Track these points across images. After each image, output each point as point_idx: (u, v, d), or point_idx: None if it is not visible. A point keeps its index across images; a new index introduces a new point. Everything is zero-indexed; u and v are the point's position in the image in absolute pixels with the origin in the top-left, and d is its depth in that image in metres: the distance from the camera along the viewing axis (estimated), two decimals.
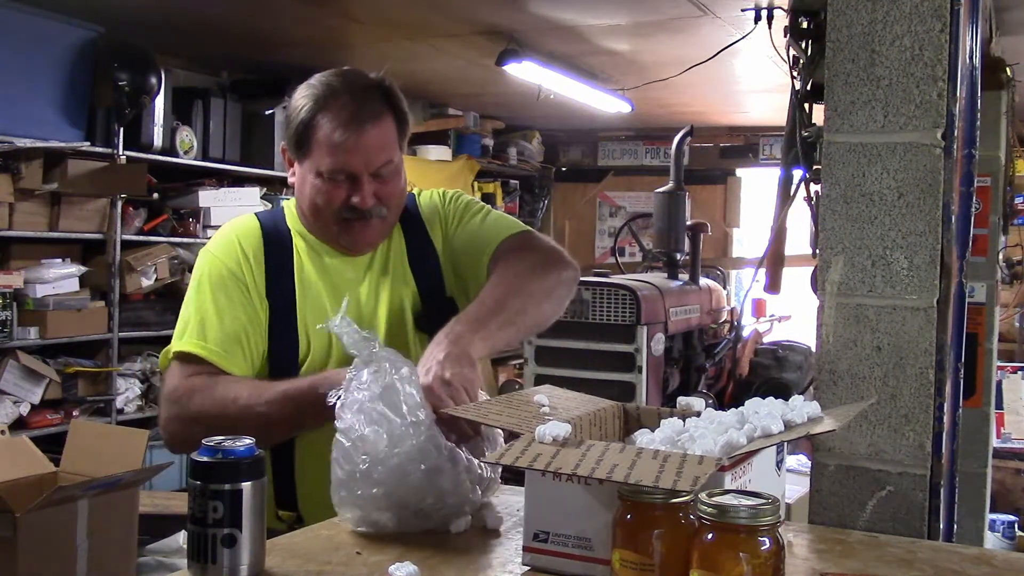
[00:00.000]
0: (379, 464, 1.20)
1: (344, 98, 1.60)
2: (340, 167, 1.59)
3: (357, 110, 1.59)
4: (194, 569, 1.09)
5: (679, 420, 1.28)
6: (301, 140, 1.61)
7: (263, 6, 4.33)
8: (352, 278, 1.69)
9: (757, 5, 3.92)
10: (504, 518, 1.32)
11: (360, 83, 1.64)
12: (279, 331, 1.62)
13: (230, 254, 1.64)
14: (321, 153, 1.59)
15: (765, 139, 7.88)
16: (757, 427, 1.16)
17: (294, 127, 1.62)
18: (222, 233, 1.70)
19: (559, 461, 1.06)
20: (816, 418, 1.23)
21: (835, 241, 1.47)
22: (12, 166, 4.22)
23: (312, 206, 1.64)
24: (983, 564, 1.20)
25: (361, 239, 1.67)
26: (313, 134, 1.59)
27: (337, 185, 1.60)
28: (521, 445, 1.12)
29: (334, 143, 1.58)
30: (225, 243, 1.66)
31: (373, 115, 1.61)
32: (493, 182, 7.90)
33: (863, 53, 1.45)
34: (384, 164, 1.62)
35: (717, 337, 5.08)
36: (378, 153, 1.61)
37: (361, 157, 1.59)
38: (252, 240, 1.66)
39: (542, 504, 1.13)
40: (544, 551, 1.12)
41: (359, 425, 1.21)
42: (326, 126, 1.58)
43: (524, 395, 1.39)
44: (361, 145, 1.58)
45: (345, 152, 1.58)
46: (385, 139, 1.62)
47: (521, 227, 1.77)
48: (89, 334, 4.62)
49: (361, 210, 1.61)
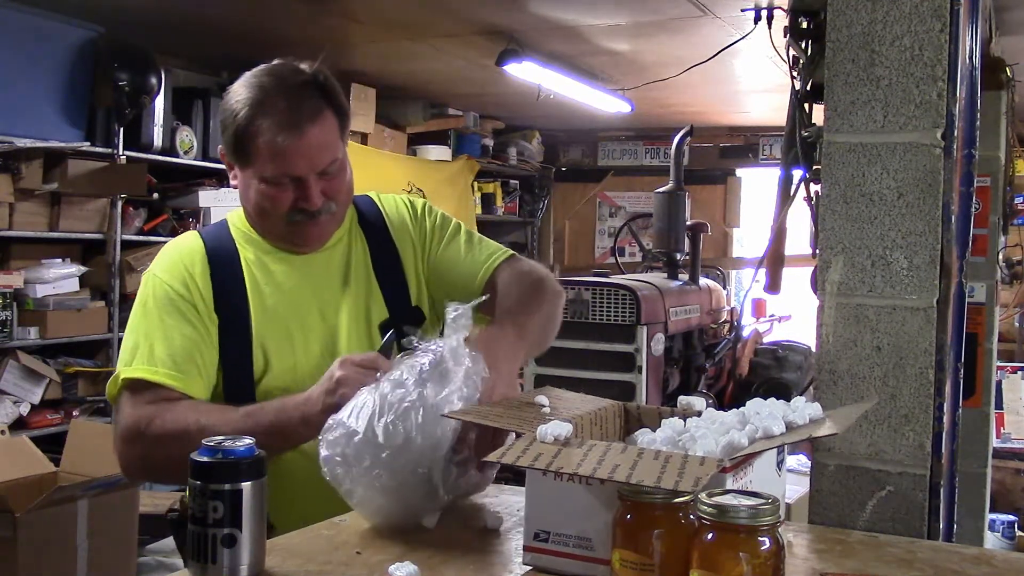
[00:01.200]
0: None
1: (280, 100, 1.53)
2: (285, 171, 1.54)
3: (295, 111, 1.52)
4: (194, 569, 1.09)
5: (680, 420, 1.28)
6: (240, 147, 1.55)
7: (263, 6, 4.33)
8: (312, 289, 1.64)
9: (757, 5, 3.92)
10: (504, 518, 1.32)
11: (295, 81, 1.56)
12: (232, 348, 1.57)
13: (174, 274, 1.58)
14: (263, 159, 1.53)
15: (765, 139, 7.88)
16: (759, 428, 1.15)
17: (231, 133, 1.55)
18: (164, 254, 1.64)
19: (560, 461, 1.06)
20: (818, 420, 1.23)
21: (835, 241, 1.47)
22: (12, 166, 4.22)
23: (259, 210, 1.59)
24: (983, 564, 1.20)
25: (312, 236, 1.63)
26: (252, 140, 1.52)
27: (283, 189, 1.55)
28: (522, 444, 1.12)
29: (276, 149, 1.51)
30: (168, 263, 1.61)
31: (312, 114, 1.54)
32: (493, 182, 7.90)
33: (863, 53, 1.45)
34: (329, 163, 1.57)
35: (717, 337, 5.08)
36: (321, 153, 1.55)
37: (305, 160, 1.53)
38: (196, 257, 1.61)
39: (543, 504, 1.13)
40: (545, 551, 1.12)
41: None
42: (265, 132, 1.51)
43: (524, 396, 1.39)
44: (303, 148, 1.52)
45: (288, 156, 1.52)
46: (327, 137, 1.56)
47: (508, 252, 1.75)
48: (89, 334, 4.63)
49: (311, 211, 1.57)
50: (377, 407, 1.24)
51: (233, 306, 1.58)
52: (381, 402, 1.25)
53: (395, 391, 1.26)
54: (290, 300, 1.62)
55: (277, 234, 1.63)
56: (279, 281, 1.62)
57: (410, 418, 1.23)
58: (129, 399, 1.51)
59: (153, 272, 1.61)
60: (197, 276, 1.59)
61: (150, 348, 1.52)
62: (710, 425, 1.21)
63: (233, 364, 1.57)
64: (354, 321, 1.64)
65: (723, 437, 1.13)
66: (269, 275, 1.63)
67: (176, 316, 1.55)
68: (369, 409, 1.25)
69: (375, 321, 1.65)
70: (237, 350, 1.57)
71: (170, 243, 1.67)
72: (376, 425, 1.23)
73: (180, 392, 1.50)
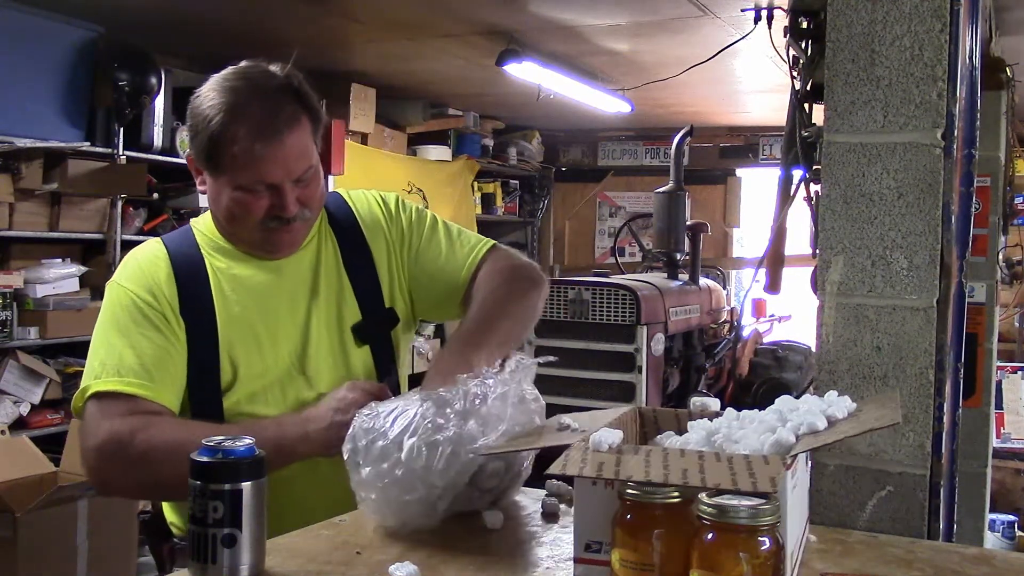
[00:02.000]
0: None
1: (255, 105, 1.48)
2: (260, 179, 1.49)
3: (272, 118, 1.48)
4: (194, 569, 1.09)
5: (708, 421, 1.26)
6: (213, 153, 1.49)
7: (263, 6, 4.32)
8: (281, 293, 1.60)
9: (757, 5, 3.92)
10: (504, 518, 1.32)
11: (269, 86, 1.51)
12: (199, 355, 1.53)
13: (139, 282, 1.54)
14: (238, 167, 1.48)
15: (765, 139, 7.88)
16: (801, 424, 1.13)
17: (204, 140, 1.49)
18: (127, 262, 1.60)
19: (628, 469, 1.02)
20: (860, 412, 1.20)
21: (835, 241, 1.47)
22: (12, 166, 4.22)
23: (230, 216, 1.55)
24: (983, 564, 1.20)
25: (285, 243, 1.59)
26: (227, 148, 1.47)
27: (258, 196, 1.51)
28: (578, 455, 1.08)
29: (252, 156, 1.47)
30: (132, 272, 1.57)
31: (288, 121, 1.49)
32: (493, 182, 7.90)
33: (863, 53, 1.45)
34: (305, 170, 1.53)
35: (717, 337, 5.09)
36: (298, 160, 1.51)
37: (281, 167, 1.49)
38: (160, 264, 1.57)
39: (594, 513, 1.08)
40: (597, 561, 1.08)
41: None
42: (241, 139, 1.46)
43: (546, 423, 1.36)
44: (280, 155, 1.48)
45: (265, 164, 1.48)
46: (303, 144, 1.52)
47: (489, 242, 1.73)
48: (89, 334, 4.57)
49: (286, 218, 1.53)
50: (414, 423, 1.24)
51: (199, 312, 1.54)
52: (420, 420, 1.24)
53: (437, 414, 1.25)
54: (258, 305, 1.58)
55: (249, 241, 1.59)
56: (247, 287, 1.59)
57: (437, 450, 1.22)
58: (100, 412, 1.45)
59: (117, 282, 1.57)
60: (163, 283, 1.55)
61: (119, 358, 1.48)
62: (749, 424, 1.19)
63: (200, 371, 1.53)
64: (325, 325, 1.61)
65: (768, 436, 1.11)
66: (236, 281, 1.59)
67: (144, 324, 1.51)
68: (407, 419, 1.25)
69: (347, 324, 1.63)
70: (204, 357, 1.53)
71: (132, 251, 1.62)
72: (405, 439, 1.23)
73: (153, 402, 1.46)
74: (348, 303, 1.64)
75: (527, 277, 1.69)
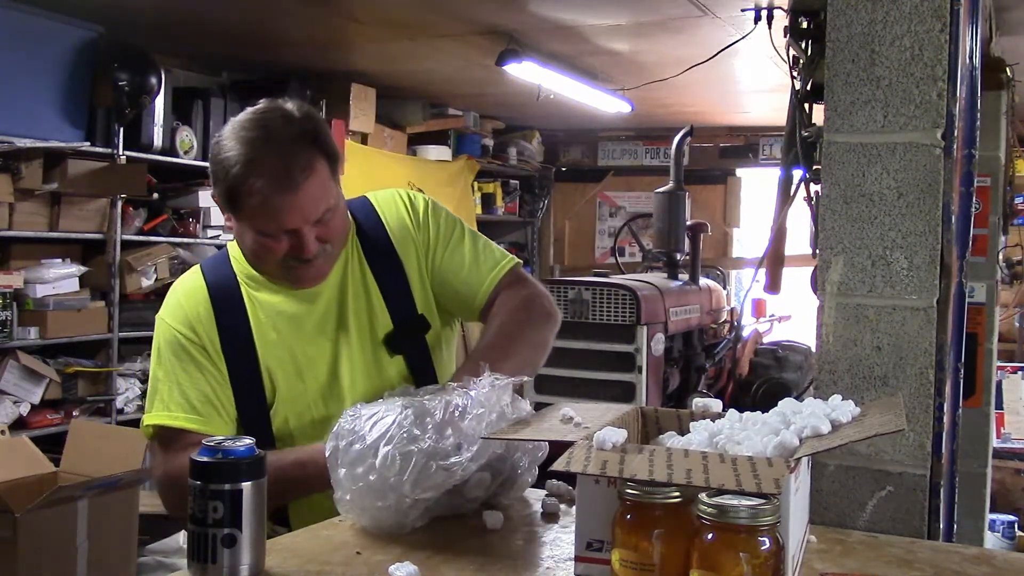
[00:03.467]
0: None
1: (272, 157, 1.50)
2: (279, 227, 1.53)
3: (288, 168, 1.50)
4: (194, 569, 1.09)
5: (710, 422, 1.26)
6: (233, 201, 1.54)
7: (263, 6, 4.32)
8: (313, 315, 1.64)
9: (757, 5, 3.92)
10: (504, 518, 1.32)
11: (286, 134, 1.53)
12: (242, 382, 1.60)
13: (179, 319, 1.61)
14: (257, 215, 1.53)
15: (765, 139, 7.88)
16: (805, 428, 1.13)
17: (224, 189, 1.53)
18: (170, 297, 1.66)
19: (632, 468, 1.02)
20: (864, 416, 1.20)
21: (835, 241, 1.47)
22: (12, 166, 4.22)
23: (255, 256, 1.60)
24: (983, 564, 1.20)
25: (309, 278, 1.62)
26: (245, 198, 1.51)
27: (278, 240, 1.55)
28: (582, 453, 1.08)
29: (270, 207, 1.50)
30: (173, 308, 1.64)
31: (304, 169, 1.51)
32: (493, 182, 7.90)
33: (863, 53, 1.45)
34: (323, 212, 1.55)
35: (717, 337, 5.09)
36: (316, 204, 1.53)
37: (298, 214, 1.52)
38: (199, 298, 1.63)
39: (596, 512, 1.08)
40: (598, 560, 1.08)
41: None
42: (258, 192, 1.49)
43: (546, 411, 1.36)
44: (297, 204, 1.51)
45: (282, 213, 1.51)
46: (321, 189, 1.54)
47: (512, 260, 1.74)
48: (89, 334, 4.62)
49: (306, 259, 1.57)
50: (391, 432, 1.24)
51: (239, 341, 1.61)
52: (397, 430, 1.24)
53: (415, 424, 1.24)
54: (292, 330, 1.63)
55: (274, 276, 1.63)
56: (280, 313, 1.63)
57: (411, 461, 1.22)
58: (159, 446, 1.58)
59: (162, 317, 1.65)
60: (203, 317, 1.61)
61: (168, 393, 1.57)
62: (751, 426, 1.20)
63: (245, 394, 1.60)
64: (357, 339, 1.64)
65: (772, 438, 1.11)
66: (270, 308, 1.63)
67: (187, 361, 1.59)
68: (384, 427, 1.24)
69: (380, 335, 1.65)
70: (247, 384, 1.60)
71: (175, 284, 1.69)
72: (380, 446, 1.23)
73: (203, 434, 1.49)
74: (379, 314, 1.66)
75: (546, 312, 1.72)
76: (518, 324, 1.64)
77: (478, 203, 7.60)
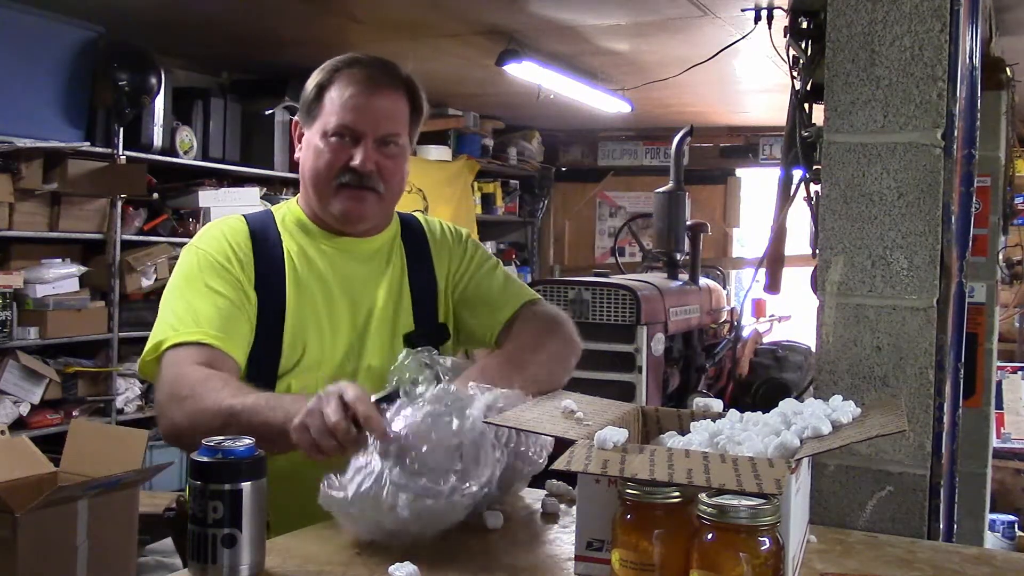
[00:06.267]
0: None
1: (368, 69, 1.63)
2: (347, 123, 1.59)
3: (373, 75, 1.62)
4: (194, 569, 1.09)
5: (711, 422, 1.26)
6: (313, 103, 1.63)
7: (263, 6, 4.32)
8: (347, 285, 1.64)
9: (757, 5, 3.91)
10: (504, 518, 1.32)
11: (384, 62, 1.68)
12: (262, 335, 1.56)
13: (217, 248, 1.59)
14: (330, 111, 1.60)
15: (765, 139, 7.87)
16: (805, 428, 1.13)
17: (309, 91, 1.64)
18: (207, 230, 1.65)
19: (632, 467, 1.03)
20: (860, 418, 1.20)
21: (835, 241, 1.47)
22: (12, 166, 4.22)
23: (313, 172, 1.63)
24: (983, 564, 1.20)
25: (355, 209, 1.62)
26: (325, 93, 1.62)
27: (341, 146, 1.60)
28: (583, 452, 1.08)
29: (344, 100, 1.59)
30: (211, 237, 1.62)
31: (388, 85, 1.63)
32: (493, 182, 7.90)
33: (863, 53, 1.45)
34: (390, 134, 1.62)
35: (717, 337, 5.08)
36: (386, 120, 1.62)
37: (369, 117, 1.60)
38: (240, 236, 1.62)
39: (596, 512, 1.09)
40: (598, 560, 1.09)
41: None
42: (340, 85, 1.61)
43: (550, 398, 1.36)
44: (371, 106, 1.60)
45: (353, 111, 1.59)
46: (395, 110, 1.64)
47: (534, 295, 1.76)
48: (89, 334, 4.62)
49: (360, 174, 1.59)
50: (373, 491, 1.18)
51: (271, 289, 1.59)
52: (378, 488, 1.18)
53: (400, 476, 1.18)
54: (324, 295, 1.62)
55: (325, 204, 1.63)
56: (318, 271, 1.63)
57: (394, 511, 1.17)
58: (174, 361, 1.48)
59: (196, 245, 1.61)
60: (241, 253, 1.59)
61: (195, 312, 1.51)
62: (752, 426, 1.19)
63: (260, 351, 1.56)
64: (379, 328, 1.64)
65: (772, 438, 1.11)
66: (309, 262, 1.63)
67: (220, 281, 1.55)
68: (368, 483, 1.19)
69: (400, 332, 1.66)
70: (267, 339, 1.56)
71: (213, 222, 1.68)
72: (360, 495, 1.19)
73: (225, 353, 1.49)
74: (404, 312, 1.68)
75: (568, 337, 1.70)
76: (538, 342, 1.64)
77: (478, 203, 7.60)
